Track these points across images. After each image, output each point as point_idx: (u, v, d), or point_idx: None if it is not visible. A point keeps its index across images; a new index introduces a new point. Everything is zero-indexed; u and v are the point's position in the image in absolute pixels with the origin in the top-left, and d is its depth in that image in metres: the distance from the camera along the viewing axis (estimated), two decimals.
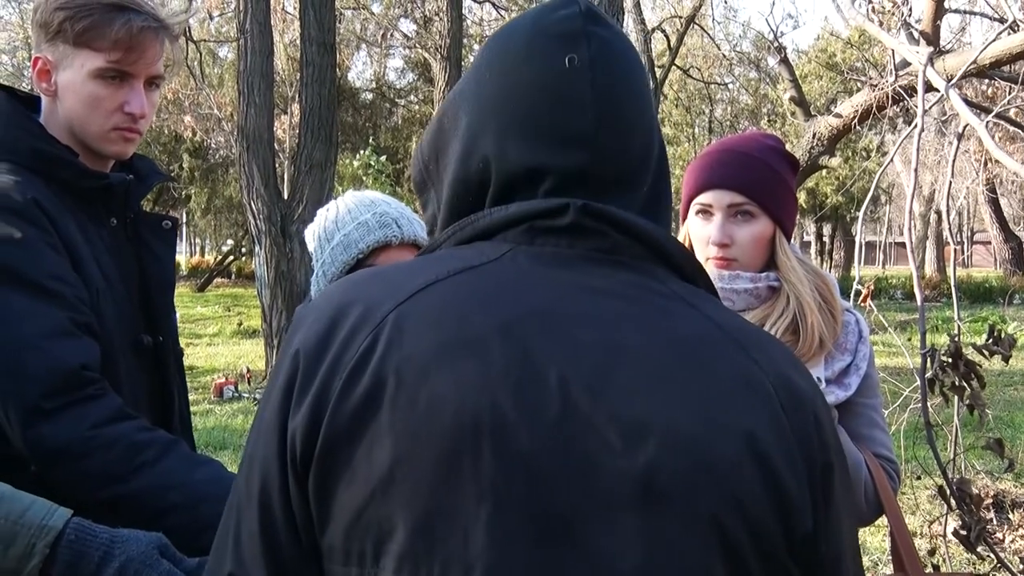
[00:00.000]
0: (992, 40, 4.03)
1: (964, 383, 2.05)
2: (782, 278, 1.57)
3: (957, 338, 2.09)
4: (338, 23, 12.92)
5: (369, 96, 23.75)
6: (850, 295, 2.66)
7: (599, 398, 0.70)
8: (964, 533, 2.00)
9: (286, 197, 9.17)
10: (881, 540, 4.13)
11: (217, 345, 12.55)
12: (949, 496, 2.06)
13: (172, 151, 23.26)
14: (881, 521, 1.63)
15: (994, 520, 4.48)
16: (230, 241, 28.21)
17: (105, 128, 1.43)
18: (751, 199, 1.55)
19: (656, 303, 0.76)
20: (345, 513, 0.70)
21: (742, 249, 1.56)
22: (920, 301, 2.21)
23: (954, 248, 3.29)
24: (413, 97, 23.82)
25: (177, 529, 1.19)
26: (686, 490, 0.68)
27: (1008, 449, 2.14)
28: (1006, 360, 2.10)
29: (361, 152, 10.88)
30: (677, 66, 20.16)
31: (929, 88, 2.68)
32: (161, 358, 1.50)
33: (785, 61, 7.77)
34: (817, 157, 6.39)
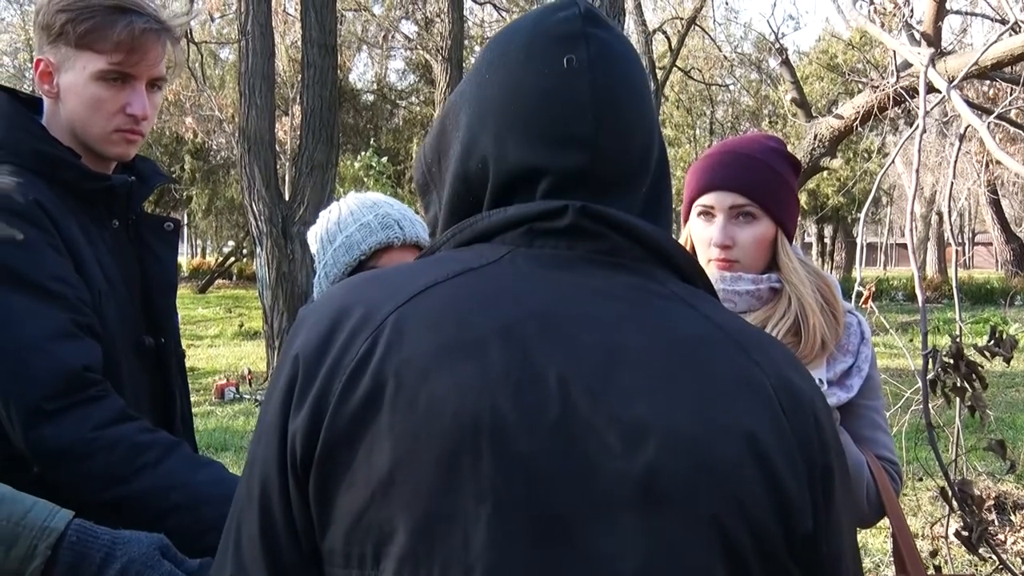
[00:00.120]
0: (993, 41, 4.04)
1: (966, 384, 2.04)
2: (784, 280, 1.56)
3: (959, 339, 2.09)
4: (339, 25, 12.95)
5: (370, 98, 23.78)
6: (851, 296, 2.65)
7: (599, 399, 0.70)
8: (966, 534, 1.99)
9: (287, 198, 9.18)
10: (883, 541, 4.13)
11: (218, 346, 12.56)
12: (951, 497, 2.06)
13: (173, 153, 23.29)
14: (883, 522, 1.63)
15: (996, 521, 4.48)
16: (231, 242, 28.23)
17: (107, 130, 1.43)
18: (753, 201, 1.55)
19: (656, 304, 0.76)
20: (345, 516, 0.70)
21: (744, 251, 1.56)
22: (921, 302, 2.20)
23: (955, 249, 3.28)
24: (414, 99, 23.84)
25: (179, 530, 1.18)
26: (687, 491, 0.68)
27: (1010, 450, 2.14)
28: (1007, 361, 2.09)
29: (362, 153, 10.91)
30: (678, 67, 20.17)
31: (930, 89, 2.68)
32: (163, 359, 1.50)
33: (786, 62, 7.78)
34: (818, 158, 6.40)
